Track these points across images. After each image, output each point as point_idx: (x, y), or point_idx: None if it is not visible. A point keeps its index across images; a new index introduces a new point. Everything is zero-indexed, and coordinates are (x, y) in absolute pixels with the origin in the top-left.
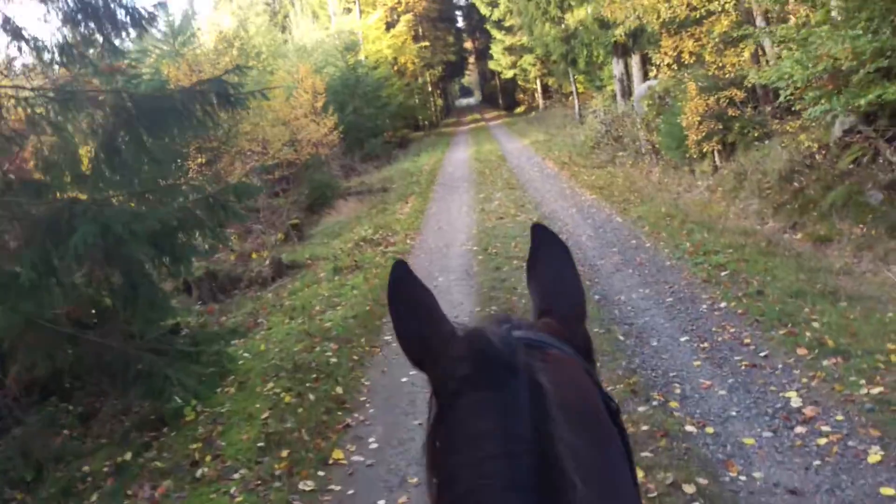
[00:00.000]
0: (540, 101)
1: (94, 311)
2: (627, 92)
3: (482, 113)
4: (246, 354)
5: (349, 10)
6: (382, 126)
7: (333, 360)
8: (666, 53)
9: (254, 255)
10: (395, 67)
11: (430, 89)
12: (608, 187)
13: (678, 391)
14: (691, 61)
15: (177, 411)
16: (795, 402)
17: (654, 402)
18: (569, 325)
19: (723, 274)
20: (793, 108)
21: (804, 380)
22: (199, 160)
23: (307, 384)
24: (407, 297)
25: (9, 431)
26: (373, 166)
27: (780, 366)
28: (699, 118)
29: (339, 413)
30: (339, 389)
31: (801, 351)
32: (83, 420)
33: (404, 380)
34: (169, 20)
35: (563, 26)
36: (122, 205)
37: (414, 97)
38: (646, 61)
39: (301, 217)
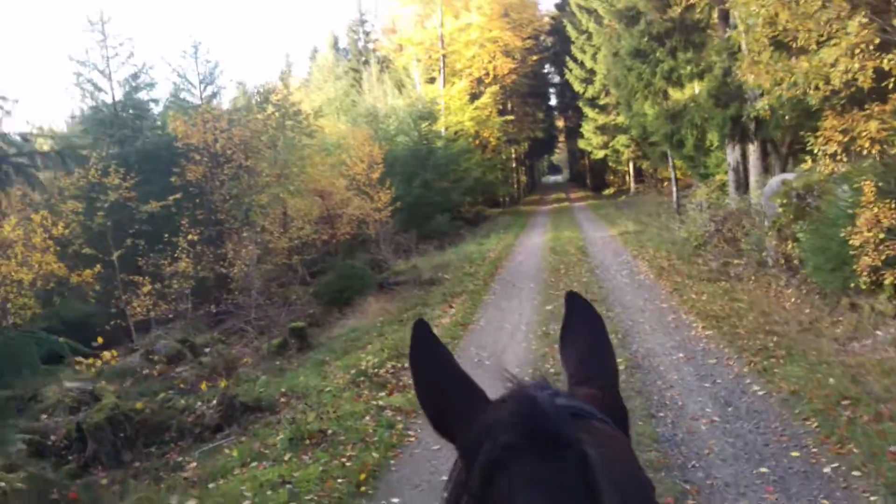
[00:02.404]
0: (631, 184)
1: None
2: (743, 184)
3: (568, 192)
4: None
5: (433, 80)
6: (454, 201)
7: None
8: (831, 138)
9: (203, 386)
10: (477, 141)
11: (513, 165)
12: (729, 318)
13: None
14: (874, 150)
15: None
16: None
17: None
18: (608, 395)
19: None
20: None
21: None
22: (192, 236)
23: None
24: (429, 359)
25: None
26: (433, 246)
27: None
28: (881, 233)
29: None
30: None
31: None
32: None
33: None
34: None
35: (668, 102)
36: None
37: (496, 172)
38: (767, 150)
39: (317, 314)
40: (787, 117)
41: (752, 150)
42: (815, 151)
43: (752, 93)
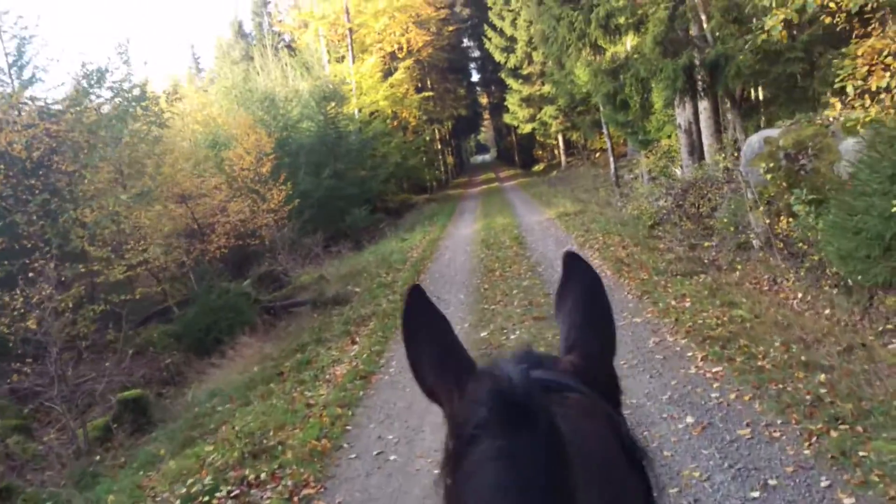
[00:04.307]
0: (562, 158)
1: None
2: (698, 148)
3: (497, 171)
4: None
5: (343, 59)
6: (374, 191)
7: None
8: (879, 64)
9: None
10: (396, 122)
11: (438, 147)
12: (736, 339)
13: None
14: None
15: None
16: None
17: None
18: (594, 363)
19: None
20: None
21: None
22: None
23: None
24: (422, 323)
25: None
26: (348, 247)
27: None
28: None
29: None
30: None
31: None
32: None
33: None
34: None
35: (605, 58)
36: None
37: (419, 155)
38: (719, 107)
39: (174, 365)
40: (748, 63)
41: (704, 107)
42: (847, 89)
43: (702, 38)
